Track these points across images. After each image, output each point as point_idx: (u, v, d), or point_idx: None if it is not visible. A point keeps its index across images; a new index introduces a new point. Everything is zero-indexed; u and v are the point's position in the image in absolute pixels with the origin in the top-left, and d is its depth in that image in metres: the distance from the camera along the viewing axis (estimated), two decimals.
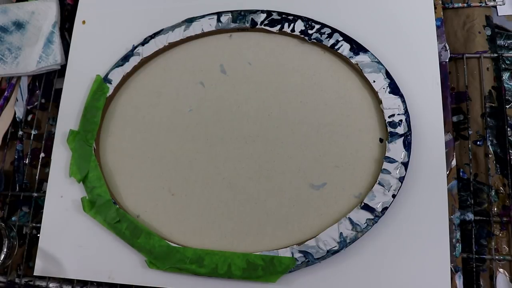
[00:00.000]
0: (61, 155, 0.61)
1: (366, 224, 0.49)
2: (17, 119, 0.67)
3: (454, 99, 0.56)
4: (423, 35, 0.55)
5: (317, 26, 0.57)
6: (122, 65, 0.61)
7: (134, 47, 0.62)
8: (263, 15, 0.59)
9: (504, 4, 0.58)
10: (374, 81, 0.53)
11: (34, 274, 0.57)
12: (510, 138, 0.54)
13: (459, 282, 0.49)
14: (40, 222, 0.59)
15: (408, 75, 0.54)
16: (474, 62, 0.57)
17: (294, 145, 0.55)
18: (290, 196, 0.53)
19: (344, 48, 0.55)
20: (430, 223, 0.49)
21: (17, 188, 0.65)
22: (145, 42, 0.62)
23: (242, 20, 0.59)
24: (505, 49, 0.57)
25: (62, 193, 0.59)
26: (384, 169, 0.51)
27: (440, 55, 0.55)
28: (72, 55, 0.66)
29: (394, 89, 0.53)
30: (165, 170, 0.57)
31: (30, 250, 0.61)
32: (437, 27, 0.56)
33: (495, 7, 0.59)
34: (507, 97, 0.55)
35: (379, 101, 0.53)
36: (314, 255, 0.50)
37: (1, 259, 0.55)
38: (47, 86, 0.68)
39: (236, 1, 0.60)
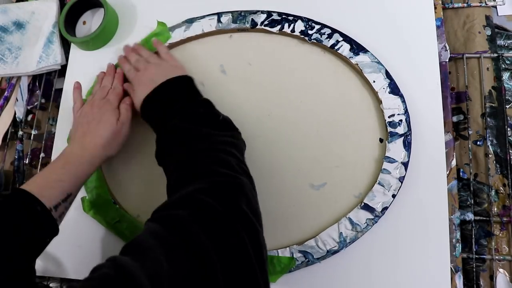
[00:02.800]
0: None
1: (366, 224, 0.49)
2: (17, 119, 0.67)
3: (454, 99, 0.56)
4: (423, 35, 0.55)
5: (317, 27, 0.57)
6: None
7: None
8: (263, 16, 0.59)
9: (504, 4, 0.58)
10: (374, 81, 0.53)
11: None
12: (510, 138, 0.54)
13: (459, 282, 0.49)
14: None
15: (408, 75, 0.54)
16: (474, 62, 0.57)
17: (294, 145, 0.55)
18: (290, 196, 0.53)
19: (344, 48, 0.55)
20: (430, 223, 0.49)
21: None
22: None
23: (242, 21, 0.59)
24: (505, 49, 0.57)
25: None
26: (384, 169, 0.51)
27: (440, 55, 0.55)
28: (72, 55, 0.66)
29: (394, 89, 0.53)
30: None
31: None
32: (437, 27, 0.56)
33: (495, 7, 0.59)
34: (507, 97, 0.55)
35: (379, 101, 0.53)
36: (314, 255, 0.50)
37: None
38: (47, 86, 0.68)
39: (236, 1, 0.60)
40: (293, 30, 0.57)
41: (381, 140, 0.53)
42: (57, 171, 0.46)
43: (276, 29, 0.58)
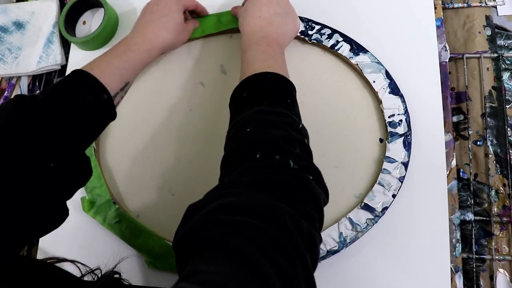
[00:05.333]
0: None
1: (366, 224, 0.49)
2: None
3: (454, 99, 0.56)
4: (423, 35, 0.55)
5: (317, 27, 0.56)
6: None
7: None
8: None
9: (504, 4, 0.58)
10: (374, 81, 0.53)
11: None
12: (510, 138, 0.54)
13: (459, 282, 0.49)
14: None
15: (408, 75, 0.54)
16: (474, 62, 0.57)
17: None
18: None
19: (344, 49, 0.55)
20: (430, 223, 0.49)
21: None
22: None
23: None
24: (505, 49, 0.57)
25: None
26: (384, 169, 0.51)
27: (440, 55, 0.55)
28: (72, 55, 0.66)
29: (394, 89, 0.53)
30: (165, 170, 0.57)
31: (30, 250, 0.61)
32: (437, 27, 0.56)
33: (495, 7, 0.59)
34: (507, 97, 0.55)
35: (379, 101, 0.53)
36: None
37: None
38: (47, 86, 0.68)
39: (236, 1, 0.60)
40: None
41: (381, 140, 0.53)
42: (119, 58, 0.45)
43: None
